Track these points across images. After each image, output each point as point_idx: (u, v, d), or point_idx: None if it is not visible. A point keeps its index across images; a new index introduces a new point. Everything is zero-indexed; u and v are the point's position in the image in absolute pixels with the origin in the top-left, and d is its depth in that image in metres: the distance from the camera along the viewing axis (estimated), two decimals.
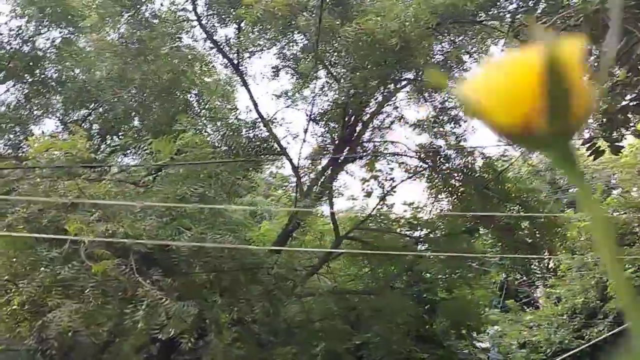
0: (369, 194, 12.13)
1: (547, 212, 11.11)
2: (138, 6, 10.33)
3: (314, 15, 9.35)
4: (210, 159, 9.47)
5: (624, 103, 6.20)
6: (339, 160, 10.92)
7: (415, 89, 11.13)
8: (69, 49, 11.14)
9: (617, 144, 6.53)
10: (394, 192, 11.86)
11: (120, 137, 10.68)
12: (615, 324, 12.00)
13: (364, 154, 11.42)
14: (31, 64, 11.19)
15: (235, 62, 11.06)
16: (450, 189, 11.36)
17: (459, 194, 10.99)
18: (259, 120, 10.90)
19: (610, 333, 12.06)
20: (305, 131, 11.10)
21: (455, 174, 11.26)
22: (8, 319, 8.08)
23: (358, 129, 11.29)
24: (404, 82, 11.04)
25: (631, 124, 6.31)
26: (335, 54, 10.22)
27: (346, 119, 10.77)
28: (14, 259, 8.26)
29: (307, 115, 10.98)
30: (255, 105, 10.88)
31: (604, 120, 6.37)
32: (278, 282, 8.44)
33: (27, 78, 11.46)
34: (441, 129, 11.42)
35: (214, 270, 8.38)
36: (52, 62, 11.24)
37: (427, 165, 11.68)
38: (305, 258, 10.06)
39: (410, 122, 11.71)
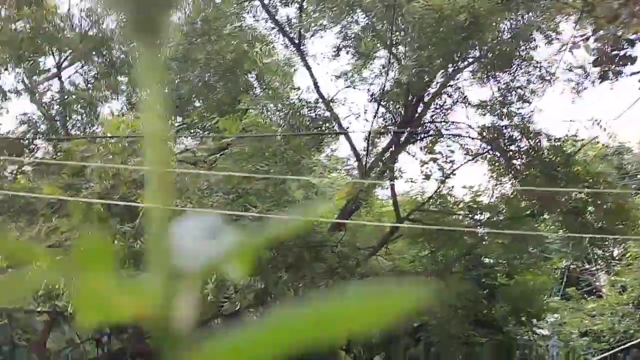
0: (427, 177, 12.00)
1: (615, 197, 10.74)
2: None
3: None
4: (273, 138, 9.57)
5: None
6: (400, 141, 10.83)
7: (482, 67, 10.90)
8: None
9: None
10: (454, 174, 11.71)
11: (184, 116, 10.90)
12: None
13: (426, 134, 11.30)
14: (99, 45, 11.51)
15: (297, 41, 11.09)
16: (513, 171, 11.12)
17: (524, 176, 10.74)
18: (320, 100, 10.92)
19: None
20: (366, 111, 11.07)
21: (520, 156, 11.01)
22: None
23: (419, 109, 11.15)
24: (469, 60, 10.82)
25: None
26: (399, 32, 10.10)
27: (409, 99, 10.66)
28: (90, 232, 8.57)
29: (368, 95, 10.93)
30: (316, 85, 10.90)
31: None
32: (342, 261, 8.48)
33: (96, 59, 11.80)
34: (506, 110, 11.15)
35: (279, 246, 8.49)
36: (119, 43, 11.52)
37: (489, 147, 11.45)
38: (367, 238, 10.07)
39: (473, 102, 11.49)
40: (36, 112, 12.40)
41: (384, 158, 10.42)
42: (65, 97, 11.68)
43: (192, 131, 10.84)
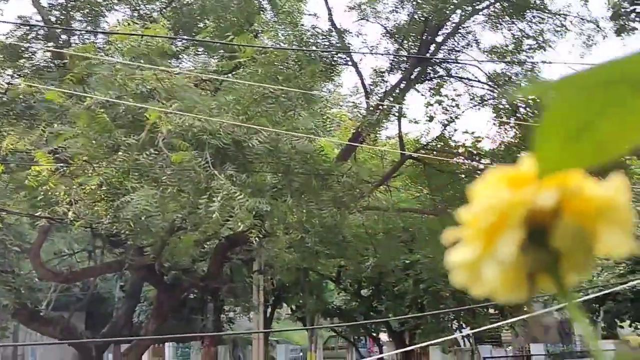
0: (431, 119, 12.01)
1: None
2: None
3: None
4: (286, 62, 9.40)
5: None
6: (410, 79, 10.74)
7: (496, 12, 10.76)
8: None
9: None
10: (458, 118, 11.73)
11: (194, 34, 10.60)
12: None
13: (435, 75, 11.22)
14: None
15: None
16: (517, 119, 11.18)
17: (529, 126, 10.80)
18: (333, 30, 10.71)
19: None
20: (378, 46, 10.90)
21: (525, 105, 11.04)
22: (86, 197, 8.37)
23: (431, 48, 11.03)
24: (486, 3, 10.65)
25: None
26: None
27: (422, 37, 10.51)
28: (94, 141, 8.45)
29: (382, 29, 10.74)
30: (330, 13, 10.66)
31: None
32: (347, 191, 8.54)
33: None
34: (516, 57, 11.10)
35: (286, 172, 8.50)
36: None
37: (496, 94, 11.45)
38: (370, 173, 10.12)
39: (484, 48, 11.40)
40: (35, 16, 11.94)
41: (394, 93, 10.35)
42: (68, 1, 11.25)
43: (200, 49, 10.59)
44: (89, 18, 11.95)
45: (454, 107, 11.78)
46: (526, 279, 0.35)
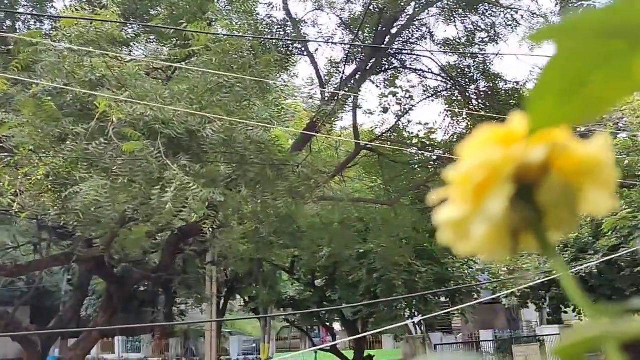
0: (385, 110, 12.14)
1: None
2: None
3: None
4: (240, 52, 9.29)
5: None
6: (365, 69, 10.80)
7: (449, 5, 10.92)
8: None
9: None
10: (412, 109, 11.90)
11: (146, 21, 10.34)
12: (604, 258, 12.52)
13: (390, 66, 11.32)
14: None
15: None
16: (469, 110, 11.41)
17: (480, 117, 11.04)
18: (288, 20, 10.66)
19: (597, 262, 12.60)
20: (334, 36, 10.90)
21: (478, 97, 11.28)
22: (32, 188, 8.08)
23: (387, 40, 11.11)
24: None
25: None
26: None
27: (379, 28, 10.58)
28: (40, 130, 8.16)
29: (338, 19, 10.75)
30: (285, 2, 10.60)
31: None
32: (302, 181, 8.54)
33: None
34: (468, 50, 11.31)
35: (241, 162, 8.42)
36: None
37: (448, 86, 11.65)
38: (325, 164, 10.15)
39: (438, 40, 11.57)
40: None
41: (349, 84, 10.39)
42: None
43: (152, 37, 10.35)
44: (35, 3, 11.52)
45: (408, 98, 11.95)
46: (510, 237, 0.36)
